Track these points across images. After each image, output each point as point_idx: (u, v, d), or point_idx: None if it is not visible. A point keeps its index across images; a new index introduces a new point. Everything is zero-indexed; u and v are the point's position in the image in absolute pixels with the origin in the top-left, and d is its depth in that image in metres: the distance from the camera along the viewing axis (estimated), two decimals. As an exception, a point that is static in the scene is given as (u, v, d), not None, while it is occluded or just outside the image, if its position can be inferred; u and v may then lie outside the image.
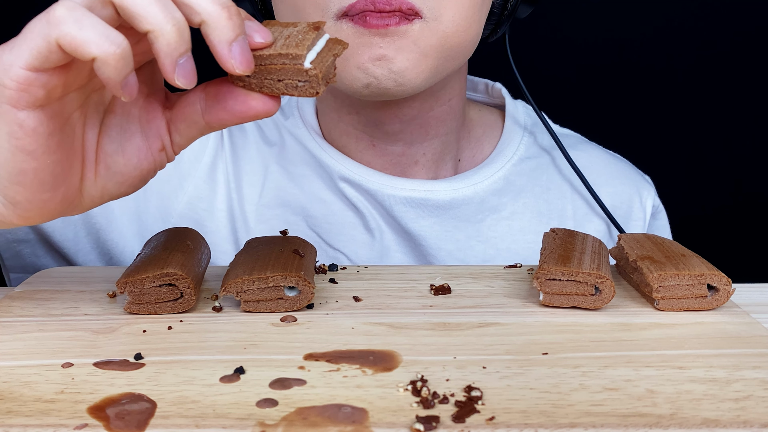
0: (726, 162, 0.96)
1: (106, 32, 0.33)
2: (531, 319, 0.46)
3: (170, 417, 0.33)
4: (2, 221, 0.40)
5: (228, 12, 0.35)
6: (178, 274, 0.45)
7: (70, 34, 0.33)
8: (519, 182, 0.67)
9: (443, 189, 0.64)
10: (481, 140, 0.69)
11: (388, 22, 0.52)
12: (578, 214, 0.68)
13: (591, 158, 0.71)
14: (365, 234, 0.64)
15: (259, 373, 0.38)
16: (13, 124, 0.35)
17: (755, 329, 0.44)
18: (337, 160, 0.64)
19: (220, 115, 0.39)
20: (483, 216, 0.66)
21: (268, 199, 0.66)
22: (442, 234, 0.64)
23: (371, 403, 0.35)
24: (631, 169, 0.73)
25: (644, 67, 0.93)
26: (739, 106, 0.94)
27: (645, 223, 0.70)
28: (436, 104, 0.63)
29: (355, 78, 0.54)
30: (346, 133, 0.64)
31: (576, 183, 0.69)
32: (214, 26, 0.35)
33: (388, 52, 0.53)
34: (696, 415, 0.34)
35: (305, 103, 0.68)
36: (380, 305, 0.48)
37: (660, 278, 0.46)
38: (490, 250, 0.65)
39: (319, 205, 0.65)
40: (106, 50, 0.33)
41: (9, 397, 0.35)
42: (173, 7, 0.35)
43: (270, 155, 0.67)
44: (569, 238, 0.52)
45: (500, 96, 0.72)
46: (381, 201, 0.63)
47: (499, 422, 0.33)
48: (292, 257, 0.48)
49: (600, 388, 0.36)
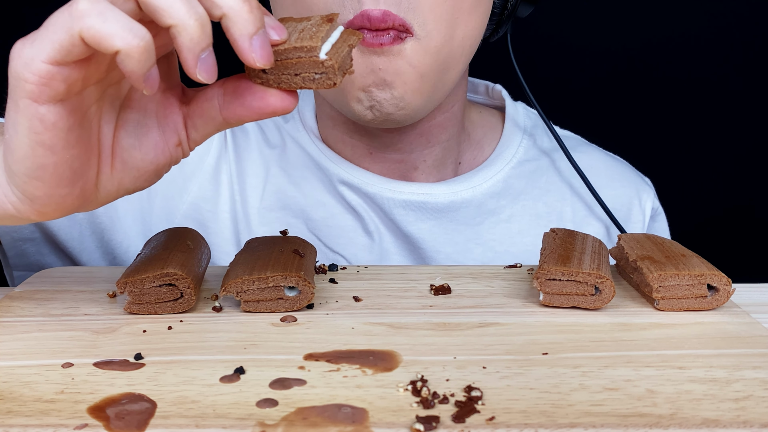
0: (726, 163, 0.96)
1: (130, 25, 0.33)
2: (531, 319, 0.46)
3: (170, 417, 0.33)
4: (19, 217, 0.39)
5: (249, 5, 0.35)
6: (178, 274, 0.45)
7: (93, 27, 0.32)
8: (517, 185, 0.67)
9: (442, 192, 0.64)
10: (481, 142, 0.69)
11: (382, 41, 0.52)
12: (577, 216, 0.68)
13: (591, 160, 0.71)
14: (364, 237, 0.64)
15: (259, 373, 0.38)
16: (34, 118, 0.35)
17: (755, 329, 0.44)
18: (336, 163, 0.64)
19: (237, 111, 0.39)
20: (482, 219, 0.66)
21: (269, 201, 0.66)
22: (440, 237, 0.64)
23: (371, 403, 0.35)
24: (631, 172, 0.73)
25: (645, 69, 0.93)
26: (741, 108, 0.94)
27: (644, 225, 0.70)
28: (438, 113, 0.63)
29: (358, 100, 0.55)
30: (341, 140, 0.65)
31: (575, 185, 0.69)
32: (235, 20, 0.35)
33: (387, 77, 0.53)
34: (696, 415, 0.34)
35: (305, 107, 0.68)
36: (380, 305, 0.48)
37: (660, 278, 0.46)
38: (488, 253, 0.65)
39: (319, 208, 0.65)
40: (129, 43, 0.33)
41: (9, 397, 0.35)
42: (195, 1, 0.34)
43: (271, 157, 0.67)
44: (569, 238, 0.52)
45: (500, 98, 0.72)
46: (380, 204, 0.63)
47: (499, 422, 0.33)
48: (292, 257, 0.48)
49: (600, 388, 0.36)
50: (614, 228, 0.68)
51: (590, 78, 0.93)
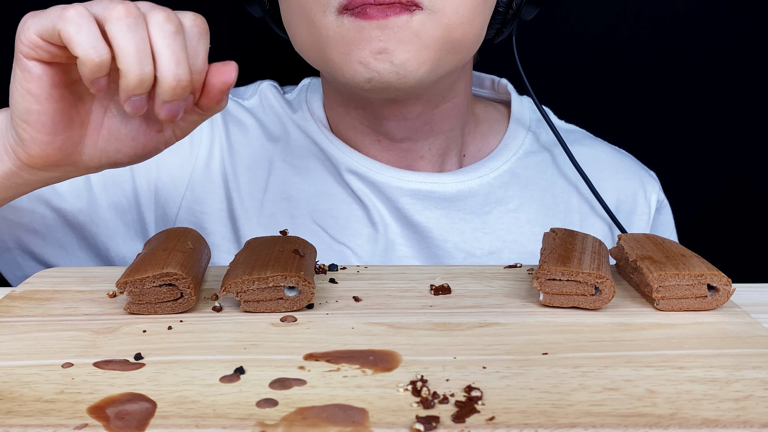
0: (728, 161, 0.96)
1: (95, 43, 0.40)
2: (531, 319, 0.46)
3: (170, 417, 0.33)
4: (15, 163, 0.47)
5: (177, 81, 0.41)
6: (178, 274, 0.45)
7: (68, 32, 0.40)
8: (525, 175, 0.67)
9: (450, 181, 0.64)
10: (486, 135, 0.69)
11: (388, 13, 0.52)
12: (584, 208, 0.68)
13: (595, 153, 0.71)
14: (370, 227, 0.64)
15: (259, 373, 0.38)
16: (24, 70, 0.43)
17: (755, 329, 0.44)
18: (344, 152, 0.65)
19: (207, 98, 0.44)
20: (490, 208, 0.66)
21: (273, 194, 0.66)
22: (448, 226, 0.65)
23: (371, 403, 0.35)
24: (635, 164, 0.73)
25: (651, 64, 0.93)
26: (745, 103, 0.94)
27: (649, 218, 0.70)
28: (441, 102, 0.63)
29: (356, 72, 0.54)
30: (352, 127, 0.65)
31: (580, 179, 0.69)
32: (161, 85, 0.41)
33: (388, 45, 0.53)
34: (696, 415, 0.34)
35: (313, 97, 0.69)
36: (380, 305, 0.48)
37: (660, 278, 0.46)
38: (496, 242, 0.65)
39: (325, 198, 0.65)
40: (88, 54, 0.40)
41: (9, 397, 0.35)
42: (147, 60, 0.41)
43: (275, 151, 0.67)
44: (569, 238, 0.52)
45: (506, 92, 0.72)
46: (387, 193, 0.64)
47: (499, 422, 0.33)
48: (292, 257, 0.48)
49: (600, 388, 0.36)
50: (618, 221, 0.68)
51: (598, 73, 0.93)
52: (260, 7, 0.64)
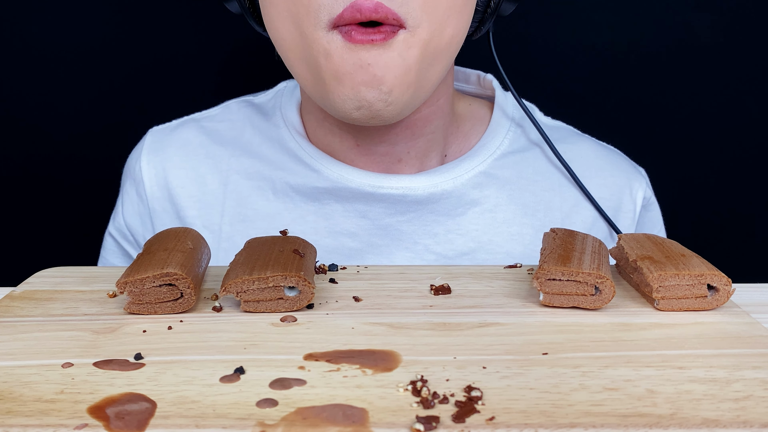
0: (727, 160, 0.96)
1: None
2: (531, 319, 0.46)
3: (170, 417, 0.33)
4: None
5: None
6: (178, 274, 0.45)
7: None
8: (503, 174, 0.67)
9: (421, 185, 0.64)
10: (468, 134, 0.69)
11: (373, 38, 0.52)
12: (565, 206, 0.68)
13: (581, 150, 0.70)
14: (343, 235, 0.64)
15: (259, 373, 0.38)
16: None
17: (755, 329, 0.44)
18: (317, 159, 0.64)
19: None
20: (464, 209, 0.65)
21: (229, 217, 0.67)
22: (419, 229, 0.64)
23: (371, 403, 0.35)
24: (623, 161, 0.72)
25: (641, 61, 0.93)
26: (743, 102, 0.94)
27: (635, 215, 0.70)
28: (423, 107, 0.62)
29: (346, 98, 0.54)
30: (330, 133, 0.65)
31: (565, 175, 0.69)
32: None
33: (377, 72, 0.52)
34: (696, 415, 0.34)
35: (288, 104, 0.68)
36: (380, 305, 0.48)
37: (660, 278, 0.46)
38: (470, 243, 0.65)
39: (288, 213, 0.65)
40: None
41: (9, 397, 0.35)
42: None
43: (230, 161, 0.68)
44: (569, 238, 0.52)
45: (491, 87, 0.72)
46: (359, 199, 0.63)
47: (499, 422, 0.33)
48: (292, 257, 0.48)
49: (600, 388, 0.36)
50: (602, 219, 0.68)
51: (585, 70, 0.93)
52: (239, 3, 0.63)
